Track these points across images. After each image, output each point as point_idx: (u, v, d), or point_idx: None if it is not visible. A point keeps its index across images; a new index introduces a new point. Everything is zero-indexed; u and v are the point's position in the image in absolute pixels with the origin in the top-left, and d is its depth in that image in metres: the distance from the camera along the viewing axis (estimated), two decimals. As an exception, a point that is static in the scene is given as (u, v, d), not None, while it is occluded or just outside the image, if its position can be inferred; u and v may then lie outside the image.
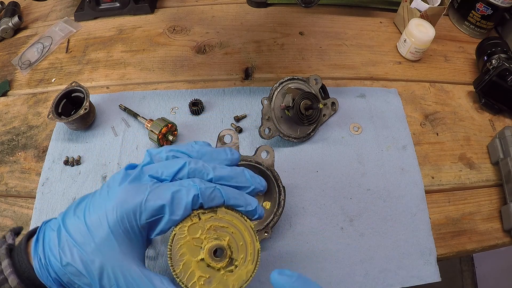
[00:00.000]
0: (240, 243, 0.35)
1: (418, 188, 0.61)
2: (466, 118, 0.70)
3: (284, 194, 0.53)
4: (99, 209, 0.31)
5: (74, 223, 0.31)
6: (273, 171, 0.52)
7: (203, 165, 0.34)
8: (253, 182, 0.36)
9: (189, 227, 0.33)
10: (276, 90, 0.62)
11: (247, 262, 0.36)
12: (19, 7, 0.86)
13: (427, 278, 0.54)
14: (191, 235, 0.33)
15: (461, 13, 0.83)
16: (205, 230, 0.34)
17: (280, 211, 0.52)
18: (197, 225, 0.33)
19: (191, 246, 0.33)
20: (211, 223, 0.34)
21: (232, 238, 0.35)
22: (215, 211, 0.34)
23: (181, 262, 0.33)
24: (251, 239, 0.36)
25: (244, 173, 0.36)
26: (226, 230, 0.35)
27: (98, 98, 0.70)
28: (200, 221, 0.34)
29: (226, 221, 0.35)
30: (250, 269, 0.36)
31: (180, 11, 0.86)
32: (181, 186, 0.32)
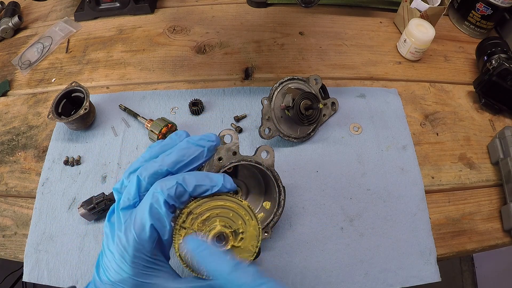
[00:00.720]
0: (230, 215, 0.36)
1: (418, 188, 0.61)
2: (466, 118, 0.70)
3: (284, 194, 0.52)
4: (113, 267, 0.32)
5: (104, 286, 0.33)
6: (273, 171, 0.52)
7: (152, 165, 0.34)
8: (203, 143, 0.36)
9: (183, 236, 0.34)
10: (276, 90, 0.62)
11: (247, 222, 0.37)
12: (19, 7, 0.86)
13: (427, 278, 0.54)
14: None
15: (461, 13, 0.83)
16: (197, 232, 0.35)
17: (280, 211, 0.52)
18: (187, 233, 0.34)
19: None
20: (196, 222, 0.35)
21: (222, 218, 0.36)
22: (190, 212, 0.35)
23: (202, 267, 0.34)
24: (236, 204, 0.37)
25: (190, 144, 0.36)
26: (210, 217, 0.36)
27: (98, 98, 0.70)
28: (187, 229, 0.34)
29: (206, 210, 0.35)
30: (254, 224, 0.38)
31: (180, 11, 0.86)
32: (148, 201, 0.32)
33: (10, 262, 0.59)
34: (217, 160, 0.49)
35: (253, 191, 0.56)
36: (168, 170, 0.34)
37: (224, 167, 0.49)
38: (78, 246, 0.55)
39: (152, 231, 0.32)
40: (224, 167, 0.49)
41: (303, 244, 0.56)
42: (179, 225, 0.34)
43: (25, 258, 0.55)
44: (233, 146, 0.49)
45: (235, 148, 0.49)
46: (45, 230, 0.57)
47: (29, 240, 0.56)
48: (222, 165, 0.49)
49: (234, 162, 0.49)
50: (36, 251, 0.55)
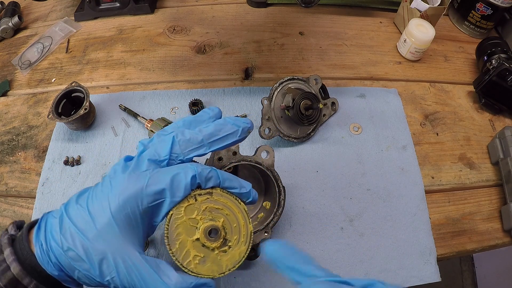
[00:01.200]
0: (234, 225, 0.37)
1: (418, 188, 0.61)
2: (466, 118, 0.70)
3: (284, 194, 0.53)
4: (102, 197, 0.32)
5: (77, 210, 0.32)
6: (273, 171, 0.52)
7: (189, 131, 0.35)
8: (239, 124, 0.37)
9: (186, 207, 0.34)
10: (276, 90, 0.62)
11: (240, 243, 0.37)
12: (19, 7, 0.86)
13: (427, 278, 0.54)
14: (187, 216, 0.34)
15: (461, 13, 0.83)
16: (200, 211, 0.35)
17: (280, 211, 0.52)
18: (194, 206, 0.34)
19: (187, 226, 0.34)
20: (207, 204, 0.35)
21: (226, 220, 0.36)
22: (211, 193, 0.35)
23: (177, 241, 0.34)
24: (244, 222, 0.37)
25: (227, 121, 0.37)
26: (220, 212, 0.36)
27: (98, 98, 0.70)
28: (196, 202, 0.35)
29: (221, 203, 0.36)
30: (243, 250, 0.37)
31: (180, 11, 0.87)
32: (179, 169, 0.33)
33: (10, 262, 0.59)
34: (217, 160, 0.49)
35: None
36: (203, 140, 0.35)
37: (224, 167, 0.49)
38: (78, 246, 0.55)
39: (161, 193, 0.32)
40: (224, 167, 0.49)
41: (303, 244, 0.56)
42: (195, 193, 0.35)
43: (25, 258, 0.55)
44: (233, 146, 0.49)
45: (235, 148, 0.49)
46: (45, 230, 0.57)
47: (29, 240, 0.56)
48: (222, 165, 0.49)
49: (234, 162, 0.49)
50: (36, 251, 0.55)
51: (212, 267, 0.35)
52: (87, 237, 0.31)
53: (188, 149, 0.35)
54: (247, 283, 0.53)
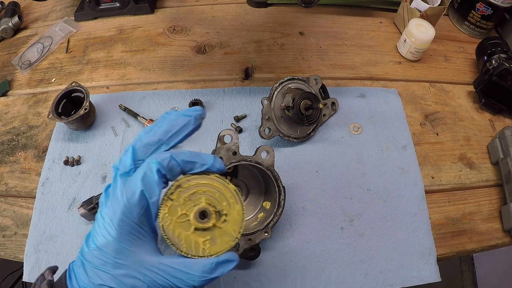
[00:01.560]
0: (216, 195, 0.37)
1: (418, 188, 0.61)
2: (466, 118, 0.70)
3: (284, 194, 0.53)
4: (101, 231, 0.34)
5: (90, 253, 0.34)
6: (273, 171, 0.52)
7: (145, 136, 0.37)
8: (190, 113, 0.38)
9: (168, 211, 0.35)
10: (276, 90, 0.62)
11: (232, 205, 0.38)
12: (19, 7, 0.86)
13: (427, 278, 0.54)
14: (174, 216, 0.36)
15: (461, 13, 0.83)
16: (182, 206, 0.36)
17: (280, 211, 0.52)
18: (173, 205, 0.36)
19: (180, 224, 0.36)
20: (182, 196, 0.36)
21: (207, 196, 0.37)
22: (179, 185, 0.36)
23: (181, 241, 0.36)
24: (223, 186, 0.38)
25: (178, 115, 0.38)
26: (198, 193, 0.37)
27: (98, 98, 0.70)
28: (173, 201, 0.36)
29: (193, 186, 0.36)
30: (238, 208, 0.38)
31: (180, 11, 0.87)
32: (142, 170, 0.34)
33: (10, 262, 0.59)
34: None
35: (253, 191, 0.56)
36: (160, 139, 0.37)
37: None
38: (78, 246, 0.55)
39: (141, 197, 0.34)
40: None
41: (303, 244, 0.56)
42: (167, 195, 0.36)
43: (25, 258, 0.55)
44: (233, 146, 0.49)
45: (235, 148, 0.49)
46: (45, 230, 0.57)
47: (29, 240, 0.56)
48: None
49: (234, 162, 0.49)
50: (36, 251, 0.55)
51: (224, 240, 0.37)
52: (108, 270, 0.33)
53: (149, 152, 0.37)
54: (247, 283, 0.53)
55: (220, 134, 0.49)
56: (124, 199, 0.33)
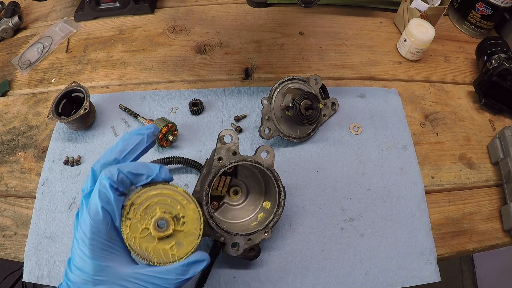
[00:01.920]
0: (168, 201, 0.39)
1: (418, 188, 0.61)
2: (466, 118, 0.70)
3: (284, 194, 0.52)
4: (77, 253, 0.36)
5: (71, 274, 0.36)
6: (273, 171, 0.52)
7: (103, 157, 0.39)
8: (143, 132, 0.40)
9: (130, 230, 0.37)
10: (276, 90, 0.62)
11: (186, 206, 0.40)
12: (19, 7, 0.86)
13: (427, 278, 0.54)
14: (136, 233, 0.38)
15: (461, 13, 0.83)
16: (140, 221, 0.38)
17: (280, 211, 0.52)
18: (133, 224, 0.37)
19: (145, 238, 0.38)
20: (138, 212, 0.38)
21: (161, 205, 0.39)
22: (132, 204, 0.38)
23: (149, 253, 0.38)
24: (172, 191, 0.39)
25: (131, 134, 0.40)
26: (151, 206, 0.38)
27: (98, 98, 0.70)
28: (131, 220, 0.37)
29: (145, 200, 0.38)
30: (193, 207, 0.40)
31: (180, 11, 0.87)
32: (97, 188, 0.36)
33: (10, 262, 0.59)
34: (217, 160, 0.49)
35: (253, 191, 0.56)
36: (116, 159, 0.39)
37: (224, 167, 0.49)
38: (78, 246, 0.55)
39: (104, 213, 0.36)
40: (224, 167, 0.49)
41: (303, 244, 0.56)
42: (124, 216, 0.37)
43: (25, 258, 0.55)
44: (233, 146, 0.49)
45: (235, 148, 0.49)
46: (45, 230, 0.57)
47: (29, 240, 0.56)
48: (222, 165, 0.49)
49: (234, 162, 0.49)
50: (36, 251, 0.55)
51: (188, 240, 0.39)
52: (90, 286, 0.35)
53: None
54: (247, 283, 0.53)
55: (220, 134, 0.49)
56: (89, 218, 0.35)
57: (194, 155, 0.62)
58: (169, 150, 0.64)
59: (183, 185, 0.60)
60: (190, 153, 0.63)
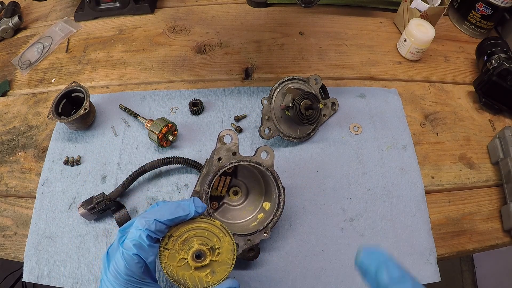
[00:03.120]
0: (205, 234, 0.42)
1: (418, 188, 0.61)
2: (466, 118, 0.70)
3: (284, 195, 0.53)
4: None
5: None
6: (273, 171, 0.52)
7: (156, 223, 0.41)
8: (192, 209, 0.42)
9: (168, 259, 0.41)
10: (276, 90, 0.62)
11: (222, 238, 0.43)
12: (19, 7, 0.86)
13: (427, 278, 0.54)
14: (174, 262, 0.41)
15: (461, 13, 0.83)
16: (178, 252, 0.41)
17: (279, 211, 0.52)
18: (171, 254, 0.41)
19: (182, 267, 0.41)
20: (177, 243, 0.41)
21: (198, 237, 0.42)
22: (171, 235, 0.41)
23: (186, 280, 0.41)
24: (209, 224, 0.43)
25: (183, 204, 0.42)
26: (189, 238, 0.42)
27: (98, 98, 0.70)
28: (169, 250, 0.41)
29: (184, 232, 0.42)
30: (228, 240, 0.43)
31: (180, 11, 0.87)
32: (134, 238, 0.39)
33: (10, 262, 0.59)
34: (216, 161, 0.49)
35: (253, 191, 0.56)
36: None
37: (224, 167, 0.49)
38: (78, 246, 0.55)
39: (139, 260, 0.38)
40: (223, 167, 0.49)
41: (303, 244, 0.56)
42: (163, 247, 0.41)
43: (25, 258, 0.55)
44: (232, 146, 0.49)
45: (234, 148, 0.49)
46: (45, 230, 0.57)
47: (29, 240, 0.56)
48: (222, 165, 0.49)
49: (234, 162, 0.49)
50: (36, 251, 0.55)
51: (222, 269, 0.42)
52: None
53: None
54: (247, 283, 0.53)
55: (220, 134, 0.49)
56: (125, 264, 0.38)
57: (194, 155, 0.62)
58: (169, 150, 0.64)
59: (183, 185, 0.60)
60: (190, 153, 0.63)
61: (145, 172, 0.58)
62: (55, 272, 0.54)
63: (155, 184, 0.61)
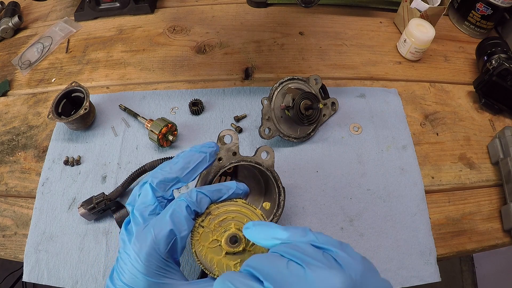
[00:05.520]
0: (244, 220, 0.39)
1: (418, 188, 0.61)
2: (466, 118, 0.70)
3: (284, 195, 0.52)
4: (128, 268, 0.34)
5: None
6: (273, 171, 0.52)
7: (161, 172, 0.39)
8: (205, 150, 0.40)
9: (200, 238, 0.37)
10: (276, 90, 0.62)
11: None
12: (19, 7, 0.86)
13: (427, 278, 0.54)
14: (205, 242, 0.38)
15: (461, 13, 0.83)
16: (213, 232, 0.38)
17: (280, 211, 0.52)
18: (205, 232, 0.38)
19: (212, 249, 0.38)
20: (213, 222, 0.38)
21: (236, 222, 0.39)
22: (209, 213, 0.38)
23: (214, 266, 0.38)
24: (250, 211, 0.40)
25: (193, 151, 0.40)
26: (227, 220, 0.39)
27: (98, 98, 0.70)
28: (204, 228, 0.38)
29: (223, 213, 0.39)
30: None
31: (180, 11, 0.87)
32: (172, 207, 0.36)
33: (10, 262, 0.59)
34: (217, 161, 0.49)
35: (253, 191, 0.56)
36: (177, 177, 0.38)
37: (224, 168, 0.49)
38: (78, 246, 0.55)
39: (170, 233, 0.35)
40: (223, 168, 0.49)
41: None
42: (198, 223, 0.38)
43: (25, 258, 0.55)
44: (233, 146, 0.49)
45: (235, 148, 0.49)
46: (45, 230, 0.57)
47: (29, 240, 0.56)
48: (222, 165, 0.49)
49: (234, 162, 0.49)
50: (36, 251, 0.55)
51: None
52: None
53: (168, 188, 0.38)
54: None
55: (220, 134, 0.49)
56: (152, 235, 0.34)
57: (194, 155, 0.62)
58: (169, 150, 0.64)
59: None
60: (190, 153, 0.63)
61: (145, 172, 0.58)
62: (55, 272, 0.54)
63: (155, 184, 0.61)
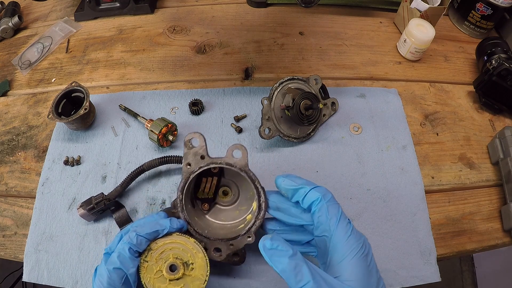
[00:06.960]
0: (180, 249, 0.45)
1: (418, 188, 0.61)
2: (466, 118, 0.70)
3: (264, 196, 0.47)
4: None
5: None
6: (248, 171, 0.46)
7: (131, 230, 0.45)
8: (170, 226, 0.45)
9: (146, 271, 0.43)
10: (276, 90, 0.62)
11: (195, 254, 0.45)
12: (19, 7, 0.86)
13: (427, 278, 0.54)
14: (152, 274, 0.43)
15: (461, 13, 0.83)
16: (155, 264, 0.43)
17: (261, 214, 0.47)
18: (149, 265, 0.43)
19: (158, 279, 0.43)
20: (155, 256, 0.44)
21: (174, 252, 0.44)
22: (150, 249, 0.44)
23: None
24: (184, 241, 0.45)
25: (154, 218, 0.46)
26: (166, 251, 0.44)
27: (98, 98, 0.70)
28: (148, 262, 0.43)
29: (161, 246, 0.44)
30: (201, 256, 0.45)
31: (180, 11, 0.87)
32: (118, 250, 0.42)
33: (10, 262, 0.59)
34: (186, 166, 0.47)
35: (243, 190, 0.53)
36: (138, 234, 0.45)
37: (194, 173, 0.46)
38: (78, 246, 0.55)
39: (119, 271, 0.41)
40: (193, 173, 0.46)
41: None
42: (143, 259, 0.43)
43: (25, 258, 0.55)
44: (200, 149, 0.46)
45: (202, 151, 0.46)
46: (45, 230, 0.57)
47: (29, 240, 0.56)
48: (192, 171, 0.46)
49: (203, 166, 0.46)
50: (36, 251, 0.55)
51: (195, 284, 0.44)
52: None
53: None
54: (247, 283, 0.53)
55: (185, 138, 0.46)
56: (107, 273, 0.41)
57: (194, 155, 0.62)
58: (169, 150, 0.64)
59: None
60: (190, 153, 0.63)
61: (143, 172, 0.58)
62: (55, 272, 0.54)
63: (155, 184, 0.61)
